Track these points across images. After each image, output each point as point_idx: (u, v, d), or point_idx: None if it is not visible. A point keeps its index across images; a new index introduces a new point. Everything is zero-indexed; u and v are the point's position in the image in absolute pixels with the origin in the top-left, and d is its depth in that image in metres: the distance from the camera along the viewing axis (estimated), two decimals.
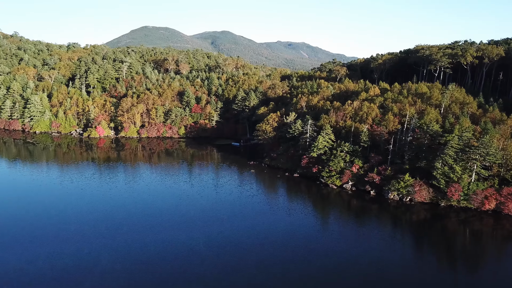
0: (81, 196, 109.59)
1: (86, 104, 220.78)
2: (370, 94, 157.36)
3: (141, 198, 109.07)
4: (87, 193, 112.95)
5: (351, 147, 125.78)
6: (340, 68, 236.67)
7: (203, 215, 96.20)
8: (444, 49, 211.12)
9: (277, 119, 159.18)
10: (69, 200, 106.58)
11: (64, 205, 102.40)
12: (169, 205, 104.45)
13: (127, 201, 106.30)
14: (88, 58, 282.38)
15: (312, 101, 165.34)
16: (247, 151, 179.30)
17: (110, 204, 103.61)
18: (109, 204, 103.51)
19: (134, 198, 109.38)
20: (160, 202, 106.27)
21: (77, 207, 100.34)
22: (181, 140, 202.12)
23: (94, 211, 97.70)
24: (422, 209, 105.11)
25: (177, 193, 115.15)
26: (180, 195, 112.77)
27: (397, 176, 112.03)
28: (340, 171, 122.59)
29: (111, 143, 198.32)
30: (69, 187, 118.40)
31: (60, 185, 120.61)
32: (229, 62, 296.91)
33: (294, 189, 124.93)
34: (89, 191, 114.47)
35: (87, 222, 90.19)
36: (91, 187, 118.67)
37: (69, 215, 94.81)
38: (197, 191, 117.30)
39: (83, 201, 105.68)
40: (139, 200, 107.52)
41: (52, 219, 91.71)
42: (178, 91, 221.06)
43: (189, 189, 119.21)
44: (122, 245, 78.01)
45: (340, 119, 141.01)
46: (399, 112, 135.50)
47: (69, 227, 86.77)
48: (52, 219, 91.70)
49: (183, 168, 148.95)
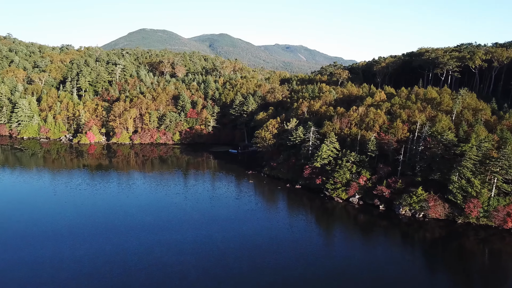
0: (61, 211, 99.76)
1: (76, 108, 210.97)
2: (375, 99, 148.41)
3: (130, 213, 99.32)
4: (67, 209, 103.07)
5: (358, 156, 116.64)
6: (341, 72, 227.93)
7: (196, 234, 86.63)
8: (449, 52, 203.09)
9: (277, 126, 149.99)
10: (46, 220, 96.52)
11: (39, 226, 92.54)
12: (160, 221, 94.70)
13: (113, 216, 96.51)
14: (81, 60, 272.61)
15: (314, 106, 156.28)
16: (245, 158, 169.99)
17: (93, 221, 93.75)
18: (92, 221, 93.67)
19: (121, 212, 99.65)
20: (150, 218, 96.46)
21: (53, 226, 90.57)
22: (176, 146, 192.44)
23: (72, 232, 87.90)
24: (436, 227, 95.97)
25: (170, 207, 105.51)
26: (173, 210, 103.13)
27: (409, 189, 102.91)
28: (346, 183, 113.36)
29: (102, 150, 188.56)
30: (50, 200, 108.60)
31: (41, 198, 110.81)
32: (226, 65, 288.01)
33: (296, 202, 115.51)
34: (71, 207, 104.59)
35: (64, 243, 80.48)
36: (75, 200, 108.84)
37: (42, 237, 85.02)
38: (191, 204, 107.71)
39: (62, 218, 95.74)
40: (127, 214, 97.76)
41: (20, 241, 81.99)
42: (173, 95, 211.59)
43: (183, 202, 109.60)
44: (104, 272, 68.43)
45: (345, 126, 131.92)
46: (407, 119, 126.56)
47: (43, 253, 76.97)
48: (20, 241, 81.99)
49: (177, 177, 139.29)
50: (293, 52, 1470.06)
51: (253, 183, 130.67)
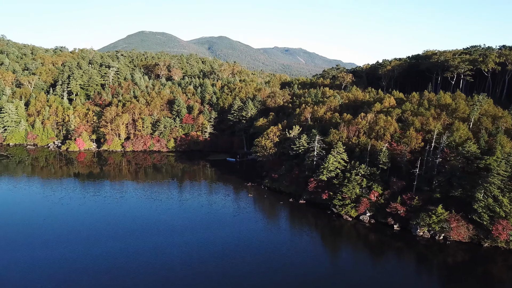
0: (36, 232, 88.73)
1: (66, 113, 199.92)
2: (384, 105, 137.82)
3: (113, 232, 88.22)
4: (45, 228, 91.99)
5: (368, 169, 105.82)
6: (345, 75, 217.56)
7: (188, 261, 75.61)
8: (458, 54, 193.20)
9: (278, 133, 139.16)
10: (18, 241, 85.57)
11: (11, 248, 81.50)
12: (147, 243, 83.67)
13: (93, 240, 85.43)
14: (73, 62, 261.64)
15: (318, 112, 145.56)
16: (244, 167, 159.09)
17: (73, 242, 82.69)
18: (72, 242, 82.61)
19: (105, 230, 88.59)
20: (136, 240, 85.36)
21: (26, 250, 79.57)
22: (170, 154, 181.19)
23: (49, 255, 76.91)
24: (459, 250, 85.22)
25: (160, 226, 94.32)
26: (163, 229, 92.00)
27: (427, 207, 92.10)
28: (356, 199, 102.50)
29: (92, 158, 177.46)
30: (28, 217, 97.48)
31: (19, 212, 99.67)
32: (225, 67, 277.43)
33: (300, 220, 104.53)
34: (47, 225, 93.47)
35: (38, 265, 69.52)
36: (53, 217, 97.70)
37: (16, 259, 74.00)
38: (185, 223, 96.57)
39: (37, 239, 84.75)
40: (111, 235, 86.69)
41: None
42: (168, 99, 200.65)
43: (175, 221, 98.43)
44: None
45: (353, 135, 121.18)
46: (421, 127, 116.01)
47: (17, 276, 65.96)
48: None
49: (170, 190, 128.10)
50: (292, 55, 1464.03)
51: (252, 197, 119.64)
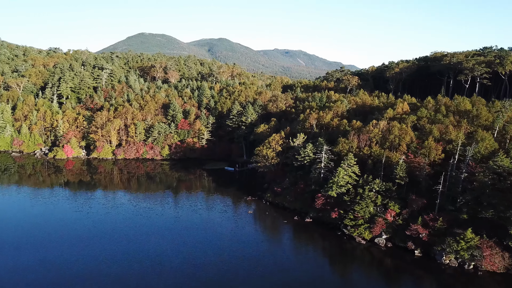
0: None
1: (54, 118, 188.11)
2: (397, 111, 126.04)
3: (94, 255, 76.29)
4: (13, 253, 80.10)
5: (383, 184, 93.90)
6: (351, 78, 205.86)
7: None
8: (471, 56, 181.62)
9: (281, 142, 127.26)
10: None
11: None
12: (131, 272, 71.77)
13: (64, 267, 73.51)
14: (65, 64, 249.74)
15: (324, 118, 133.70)
16: (243, 178, 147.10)
17: (50, 268, 70.76)
18: (48, 268, 70.67)
19: (87, 253, 76.67)
20: (117, 268, 73.45)
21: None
22: (164, 162, 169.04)
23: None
24: (493, 282, 73.44)
25: (149, 250, 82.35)
26: (151, 254, 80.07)
27: (453, 230, 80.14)
28: (370, 219, 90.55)
29: (81, 166, 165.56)
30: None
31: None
32: (224, 69, 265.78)
33: (306, 242, 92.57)
34: (10, 252, 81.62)
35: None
36: (24, 240, 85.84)
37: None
38: (176, 248, 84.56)
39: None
40: (92, 259, 74.77)
41: None
42: (162, 103, 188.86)
43: (165, 244, 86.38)
44: None
45: (364, 145, 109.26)
46: (440, 136, 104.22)
47: None
48: None
49: (163, 205, 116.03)
50: (292, 57, 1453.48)
51: (252, 214, 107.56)
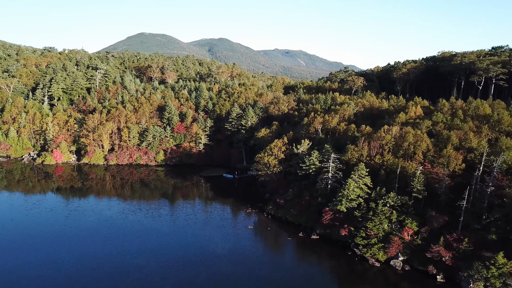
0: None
1: (44, 120, 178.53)
2: (410, 115, 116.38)
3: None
4: None
5: (398, 198, 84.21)
6: (356, 79, 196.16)
7: None
8: (483, 56, 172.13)
9: (284, 148, 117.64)
10: None
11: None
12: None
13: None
14: (58, 64, 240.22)
15: (330, 122, 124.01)
16: (243, 186, 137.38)
17: None
18: None
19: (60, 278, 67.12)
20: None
21: None
22: (159, 168, 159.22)
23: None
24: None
25: (135, 273, 72.76)
26: (138, 278, 70.49)
27: (481, 253, 70.48)
28: (384, 238, 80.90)
29: (71, 172, 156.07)
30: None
31: None
32: (223, 70, 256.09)
33: (313, 262, 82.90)
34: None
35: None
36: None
37: None
38: (166, 270, 74.93)
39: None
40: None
41: None
42: (158, 105, 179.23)
43: (153, 266, 76.81)
44: None
45: (375, 153, 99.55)
46: (459, 144, 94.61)
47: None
48: None
49: (154, 218, 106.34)
50: (293, 57, 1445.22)
51: (253, 229, 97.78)
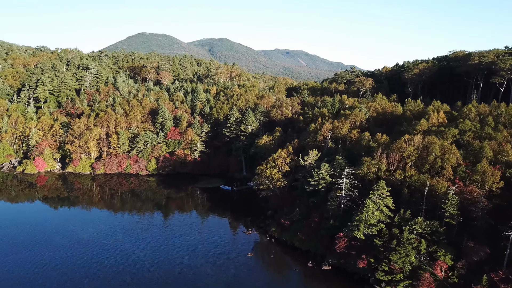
0: None
1: (27, 125, 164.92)
2: (432, 122, 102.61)
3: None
4: None
5: (427, 224, 70.48)
6: (364, 80, 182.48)
7: None
8: (503, 55, 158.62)
9: (289, 159, 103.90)
10: None
11: None
12: None
13: None
14: (47, 64, 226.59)
15: (340, 129, 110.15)
16: (242, 199, 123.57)
17: None
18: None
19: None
20: None
21: None
22: (151, 178, 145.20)
23: None
24: None
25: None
26: None
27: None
28: (412, 273, 67.13)
29: (55, 182, 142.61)
30: None
31: None
32: (222, 70, 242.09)
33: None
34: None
35: None
36: None
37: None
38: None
39: None
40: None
41: None
42: (150, 109, 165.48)
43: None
44: None
45: (395, 166, 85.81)
46: (495, 157, 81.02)
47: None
48: None
49: (136, 246, 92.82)
50: (293, 57, 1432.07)
51: (253, 256, 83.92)
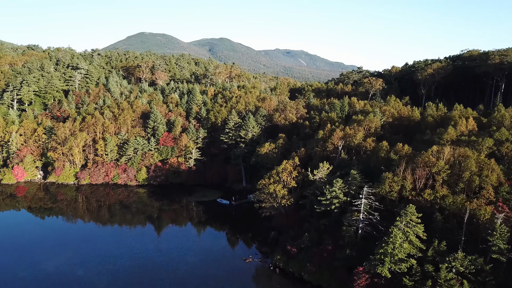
0: None
1: (8, 129, 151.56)
2: (461, 130, 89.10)
3: None
4: None
5: (470, 260, 57.01)
6: (374, 81, 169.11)
7: None
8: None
9: (296, 173, 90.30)
10: None
11: None
12: None
13: None
14: (36, 63, 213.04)
15: (353, 138, 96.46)
16: (241, 215, 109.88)
17: None
18: None
19: None
20: None
21: None
22: (140, 190, 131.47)
23: None
24: None
25: None
26: None
27: None
28: None
29: (36, 193, 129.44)
30: None
31: None
32: (220, 70, 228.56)
33: None
34: None
35: None
36: None
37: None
38: None
39: None
40: None
41: None
42: (142, 112, 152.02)
43: None
44: None
45: (421, 184, 72.25)
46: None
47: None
48: None
49: (114, 278, 79.50)
50: (294, 57, 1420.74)
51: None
